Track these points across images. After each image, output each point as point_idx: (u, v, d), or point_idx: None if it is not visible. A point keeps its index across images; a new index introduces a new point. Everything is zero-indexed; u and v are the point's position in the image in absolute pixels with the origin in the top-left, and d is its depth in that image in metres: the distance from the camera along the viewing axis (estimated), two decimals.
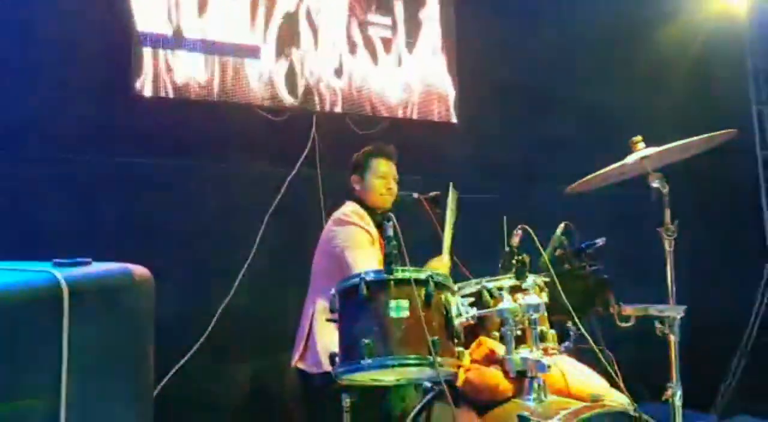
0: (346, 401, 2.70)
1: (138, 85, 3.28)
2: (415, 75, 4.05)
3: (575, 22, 4.31)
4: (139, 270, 1.28)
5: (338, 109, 3.80)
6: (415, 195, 2.92)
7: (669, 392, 2.14)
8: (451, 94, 4.14)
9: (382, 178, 2.79)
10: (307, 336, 2.63)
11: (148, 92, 3.30)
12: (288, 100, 3.65)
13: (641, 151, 2.19)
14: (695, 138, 2.12)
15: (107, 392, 1.18)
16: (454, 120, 4.14)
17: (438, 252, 2.83)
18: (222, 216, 3.40)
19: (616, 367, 2.33)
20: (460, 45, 4.17)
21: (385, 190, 2.78)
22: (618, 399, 1.82)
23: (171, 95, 3.35)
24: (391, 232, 1.91)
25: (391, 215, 1.93)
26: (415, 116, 4.02)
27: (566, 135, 4.13)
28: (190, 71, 3.40)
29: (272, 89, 3.61)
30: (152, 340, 1.31)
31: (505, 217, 2.51)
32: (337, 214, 2.73)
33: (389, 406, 2.31)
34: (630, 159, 2.20)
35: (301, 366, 2.63)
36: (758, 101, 5.14)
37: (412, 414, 2.02)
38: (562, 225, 2.48)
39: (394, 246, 1.90)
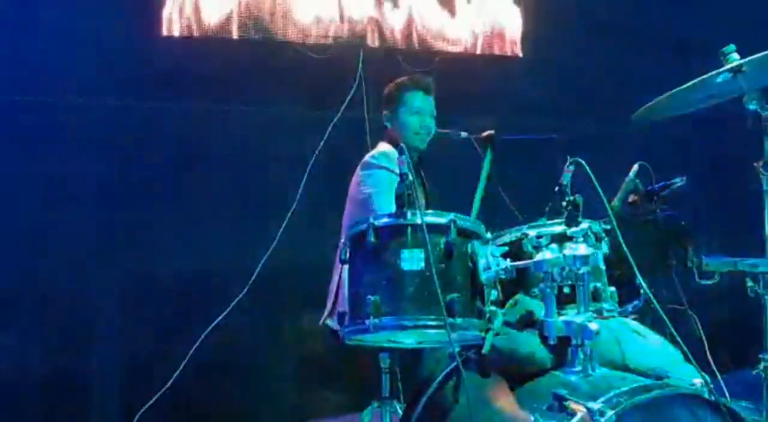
0: (385, 361, 2.44)
1: (166, 24, 3.03)
2: (476, 6, 3.56)
3: None
4: None
5: (389, 45, 3.39)
6: (464, 134, 2.52)
7: (761, 365, 1.70)
8: (516, 25, 3.61)
9: (417, 114, 2.43)
10: (336, 291, 2.34)
11: (177, 32, 3.04)
12: (332, 35, 3.29)
13: (734, 62, 1.68)
14: None
15: None
16: (519, 53, 3.62)
17: (487, 201, 2.45)
18: (262, 164, 3.17)
19: (700, 332, 1.94)
20: None
21: (419, 128, 2.43)
22: (689, 377, 1.40)
23: (198, 34, 3.08)
24: (405, 169, 1.55)
25: (404, 147, 1.56)
26: (477, 51, 3.54)
27: (646, 67, 3.53)
28: (224, 6, 3.10)
29: (316, 24, 3.26)
30: None
31: (568, 157, 2.09)
32: (366, 157, 2.41)
33: (418, 368, 1.99)
34: (719, 72, 1.69)
35: (329, 322, 2.35)
36: None
37: (437, 381, 1.68)
38: (636, 166, 2.03)
39: (409, 185, 1.54)
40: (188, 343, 2.87)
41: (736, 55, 1.71)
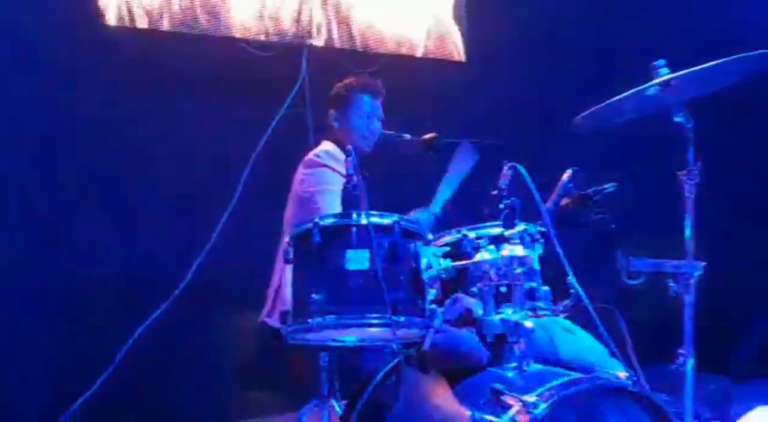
0: (324, 359, 2.46)
1: (107, 13, 2.93)
2: (420, 9, 3.62)
3: None
4: None
5: (332, 45, 3.41)
6: (408, 136, 2.57)
7: (679, 359, 1.82)
8: (458, 30, 3.70)
9: (365, 117, 2.45)
10: (277, 289, 2.34)
11: (114, 21, 2.94)
12: (276, 33, 3.28)
13: (663, 77, 1.80)
14: (727, 59, 1.71)
15: None
16: (462, 58, 3.71)
17: (427, 202, 2.51)
18: (202, 160, 3.10)
19: (623, 329, 2.04)
20: None
21: (366, 131, 2.45)
22: (615, 371, 1.49)
23: (144, 25, 3.00)
24: (352, 170, 1.59)
25: (351, 149, 1.60)
26: (417, 54, 3.61)
27: (583, 71, 3.69)
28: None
29: (260, 21, 3.24)
30: None
31: (505, 161, 2.17)
32: (309, 155, 2.41)
33: (358, 367, 2.02)
34: (649, 85, 1.81)
35: (268, 321, 2.35)
36: None
37: (378, 377, 1.72)
38: (569, 171, 2.13)
39: (355, 186, 1.57)
40: (120, 345, 2.79)
41: (666, 70, 1.82)
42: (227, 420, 3.05)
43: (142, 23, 2.99)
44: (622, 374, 1.47)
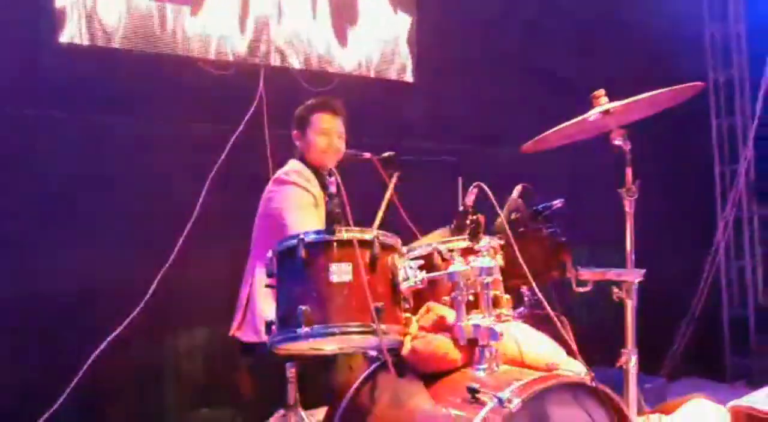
0: (291, 371, 2.55)
1: (63, 32, 2.95)
2: (372, 32, 3.80)
3: None
4: None
5: (289, 65, 3.53)
6: (367, 154, 2.71)
7: (623, 358, 2.04)
8: (408, 52, 3.91)
9: (325, 135, 2.53)
10: (246, 303, 2.43)
11: (71, 38, 2.96)
12: (234, 53, 3.37)
13: (603, 105, 2.03)
14: (661, 90, 1.96)
15: None
16: (411, 79, 3.92)
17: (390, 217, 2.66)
18: (161, 179, 3.12)
19: (570, 333, 2.24)
20: (419, 3, 3.93)
21: (326, 147, 2.52)
22: (574, 369, 1.68)
23: (99, 44, 3.02)
24: (334, 189, 1.72)
25: (334, 170, 1.74)
26: (371, 74, 3.78)
27: (527, 97, 3.96)
28: (124, 17, 3.08)
29: (217, 41, 3.32)
30: None
31: (460, 179, 2.35)
32: (278, 174, 2.50)
33: (336, 376, 2.14)
34: (592, 113, 2.04)
35: (239, 335, 2.43)
36: (714, 69, 5.06)
37: (356, 384, 1.84)
38: (519, 187, 2.33)
39: (337, 204, 1.71)
40: (82, 360, 2.79)
41: (605, 99, 2.06)
42: None
43: (100, 41, 3.01)
44: (581, 372, 1.65)
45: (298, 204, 2.41)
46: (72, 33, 2.97)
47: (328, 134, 2.55)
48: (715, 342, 4.98)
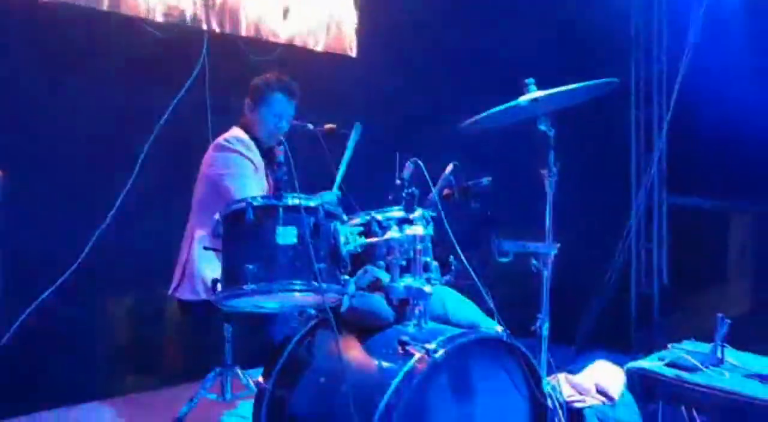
0: (228, 330, 2.70)
1: None
2: (317, 3, 3.89)
3: None
4: None
5: (233, 32, 3.59)
6: (311, 126, 2.84)
7: (538, 322, 2.30)
8: (352, 26, 4.03)
9: (276, 116, 2.64)
10: (185, 264, 2.54)
11: None
12: (180, 16, 3.39)
13: (533, 94, 2.25)
14: (581, 84, 2.20)
15: None
16: (354, 53, 4.05)
17: (328, 186, 2.81)
18: (100, 140, 3.15)
19: (491, 301, 2.47)
20: None
21: (274, 128, 2.63)
22: (492, 326, 1.91)
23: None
24: (282, 158, 1.87)
25: (283, 139, 1.88)
26: (315, 47, 3.89)
27: (465, 76, 4.17)
28: None
29: (162, 4, 3.34)
30: None
31: (398, 153, 2.53)
32: (219, 140, 2.60)
33: (272, 333, 2.30)
34: (521, 99, 2.26)
35: (177, 294, 2.54)
36: (636, 63, 5.44)
37: (294, 339, 2.01)
38: (450, 165, 2.54)
39: (285, 172, 1.85)
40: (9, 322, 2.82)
41: (534, 87, 2.28)
42: (128, 391, 3.16)
43: None
44: (499, 329, 1.89)
45: (240, 171, 2.52)
46: None
47: (280, 117, 2.66)
48: (623, 317, 5.45)
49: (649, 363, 2.61)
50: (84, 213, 3.10)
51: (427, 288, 1.85)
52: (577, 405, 2.45)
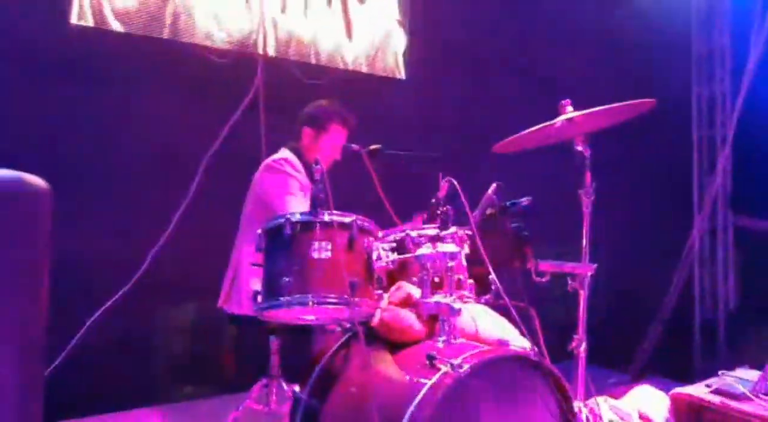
0: (274, 343, 2.82)
1: (75, 13, 3.17)
2: (366, 28, 4.05)
3: None
4: (33, 180, 1.26)
5: (286, 56, 3.77)
6: (355, 147, 2.96)
7: (575, 343, 2.32)
8: (401, 49, 4.16)
9: (336, 148, 2.81)
10: (233, 278, 2.68)
11: (85, 21, 3.19)
12: (235, 42, 3.61)
13: (568, 114, 2.29)
14: (617, 104, 2.23)
15: None
16: (402, 76, 4.17)
17: (372, 204, 2.91)
18: (160, 158, 3.37)
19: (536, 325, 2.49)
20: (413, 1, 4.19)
21: (332, 158, 2.81)
22: (522, 345, 1.95)
23: (114, 27, 3.26)
24: (318, 176, 1.97)
25: (319, 159, 1.98)
26: (363, 70, 4.03)
27: (512, 98, 4.22)
28: (133, 3, 3.31)
29: (220, 30, 3.56)
30: (47, 252, 1.30)
31: (441, 174, 2.61)
32: (269, 161, 2.76)
33: (314, 346, 2.40)
34: (556, 121, 2.30)
35: (225, 307, 2.69)
36: (698, 83, 5.34)
37: (330, 351, 2.10)
38: (493, 185, 2.59)
39: (321, 189, 1.96)
40: (77, 329, 3.04)
41: (570, 108, 2.32)
42: (182, 399, 3.33)
43: (112, 24, 3.24)
44: (528, 347, 1.92)
45: (287, 190, 2.67)
46: (84, 13, 3.19)
47: (338, 148, 2.83)
48: (686, 346, 5.28)
49: (695, 389, 2.56)
50: (144, 229, 3.32)
51: (456, 305, 1.90)
52: None
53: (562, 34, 4.61)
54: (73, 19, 3.18)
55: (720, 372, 2.75)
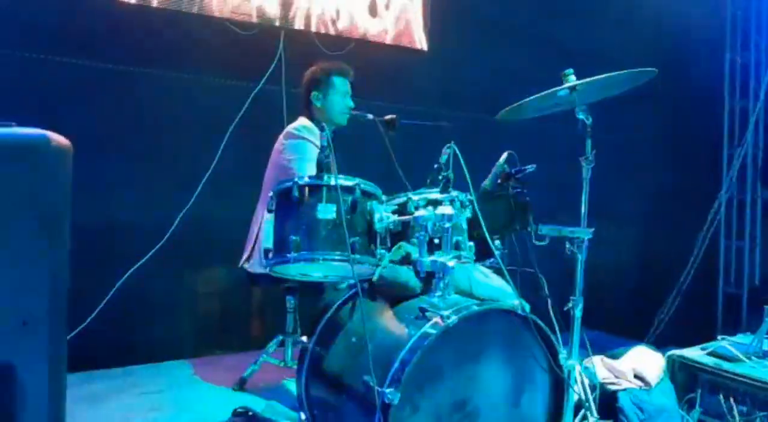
0: (290, 301, 3.04)
1: None
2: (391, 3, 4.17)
3: None
4: (56, 137, 1.45)
5: (307, 28, 3.92)
6: (370, 116, 3.11)
7: (570, 304, 2.46)
8: (421, 20, 4.27)
9: (343, 96, 3.00)
10: (255, 240, 2.89)
11: None
12: (257, 15, 3.77)
13: (571, 83, 2.40)
14: (616, 73, 2.32)
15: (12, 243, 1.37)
16: (425, 47, 4.28)
17: (386, 172, 3.07)
18: (185, 126, 3.58)
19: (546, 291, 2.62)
20: None
21: (345, 108, 3.00)
22: (512, 301, 2.10)
23: (138, 1, 3.46)
24: (325, 142, 2.14)
25: (325, 126, 2.15)
26: (386, 40, 4.16)
27: (531, 68, 4.28)
28: None
29: (243, 3, 3.73)
30: (68, 205, 1.49)
31: (452, 142, 2.75)
32: (289, 128, 2.94)
33: (326, 302, 2.59)
34: (558, 89, 2.41)
35: (247, 266, 2.90)
36: (732, 49, 5.29)
37: (335, 305, 2.30)
38: (505, 153, 2.73)
39: (327, 155, 2.13)
40: (109, 287, 3.31)
41: (573, 77, 2.42)
42: (207, 353, 3.60)
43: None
44: (516, 304, 2.07)
45: (307, 156, 2.85)
46: None
47: (344, 95, 3.02)
48: (708, 319, 5.33)
49: (691, 351, 2.68)
50: (176, 190, 3.56)
51: (451, 263, 2.06)
52: (612, 387, 2.57)
53: (590, 3, 4.65)
54: None
55: (720, 337, 2.85)
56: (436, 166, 2.39)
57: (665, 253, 5.15)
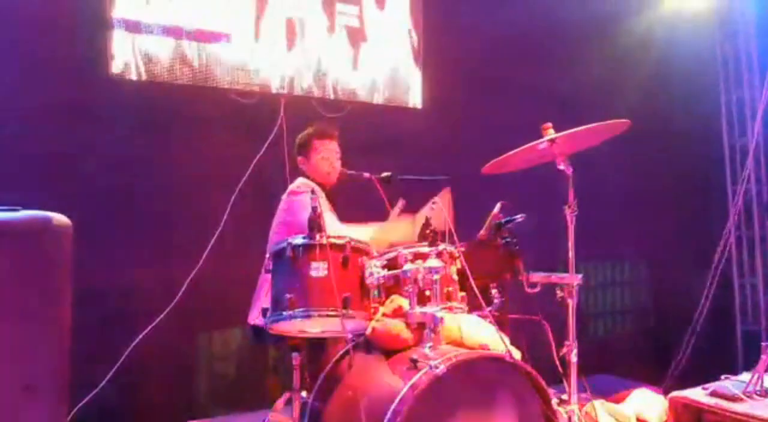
0: (296, 359, 3.12)
1: (112, 66, 3.61)
2: (381, 61, 4.38)
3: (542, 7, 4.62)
4: (58, 218, 1.60)
5: (306, 93, 4.13)
6: (367, 174, 3.26)
7: (565, 349, 2.52)
8: (416, 80, 4.48)
9: (326, 159, 3.10)
10: (259, 295, 3.00)
11: (120, 72, 3.62)
12: (257, 84, 4.00)
13: (549, 136, 2.53)
14: (594, 124, 2.45)
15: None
16: (419, 105, 4.48)
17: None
18: (193, 193, 3.75)
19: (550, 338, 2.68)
20: (426, 30, 4.50)
21: (329, 168, 3.10)
22: (500, 348, 2.18)
23: (145, 76, 3.69)
24: (316, 204, 2.28)
25: (315, 187, 2.30)
26: (380, 101, 4.36)
27: (524, 121, 4.44)
28: (165, 54, 3.74)
29: (243, 73, 3.96)
30: (68, 281, 1.61)
31: (449, 194, 2.88)
32: (291, 187, 3.08)
33: (326, 356, 2.68)
34: (539, 142, 2.54)
35: (251, 320, 3.00)
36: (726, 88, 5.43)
37: (334, 359, 2.39)
38: (499, 204, 2.85)
39: (318, 215, 2.27)
40: (120, 352, 3.42)
41: (552, 130, 2.56)
42: (216, 414, 3.67)
43: (145, 74, 3.68)
44: (503, 351, 2.15)
45: (309, 207, 2.97)
46: (120, 66, 3.63)
47: (328, 158, 3.12)
48: (727, 358, 5.27)
49: (692, 392, 2.71)
50: (184, 252, 3.69)
51: (439, 314, 2.16)
52: None
53: (581, 52, 4.84)
54: (112, 71, 3.62)
55: (723, 377, 2.87)
56: (423, 220, 2.51)
57: (676, 293, 5.16)
